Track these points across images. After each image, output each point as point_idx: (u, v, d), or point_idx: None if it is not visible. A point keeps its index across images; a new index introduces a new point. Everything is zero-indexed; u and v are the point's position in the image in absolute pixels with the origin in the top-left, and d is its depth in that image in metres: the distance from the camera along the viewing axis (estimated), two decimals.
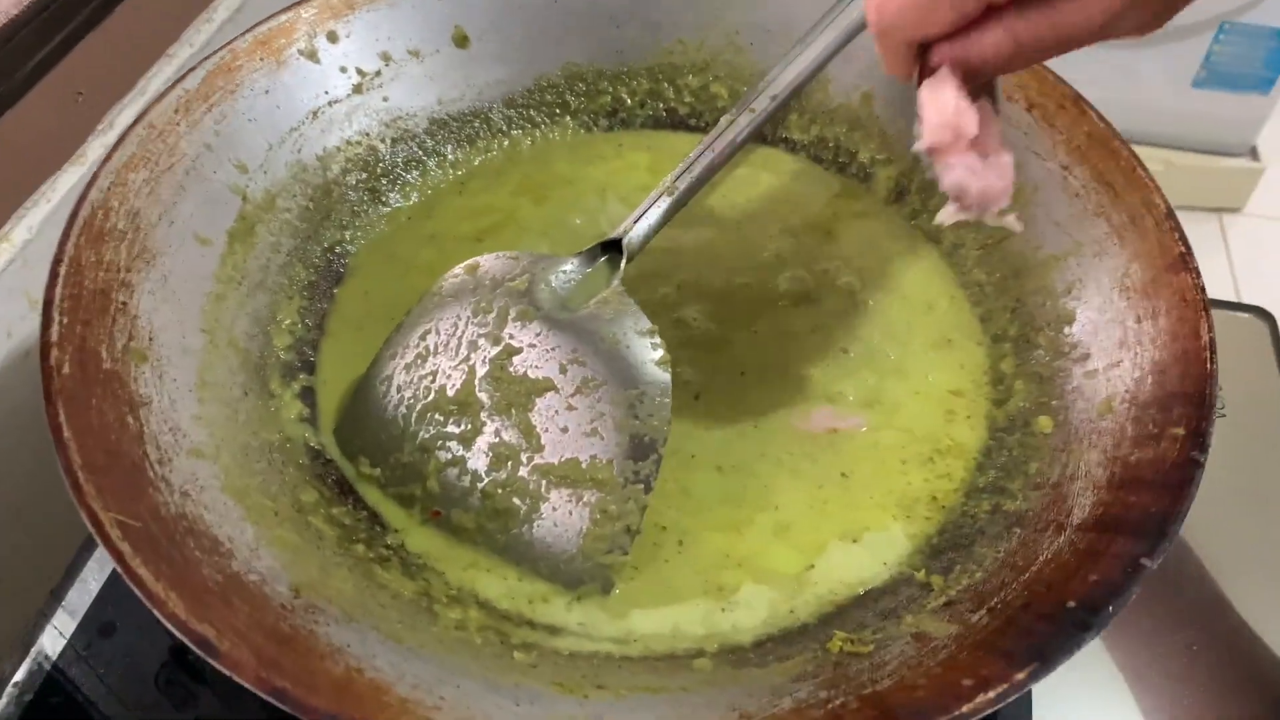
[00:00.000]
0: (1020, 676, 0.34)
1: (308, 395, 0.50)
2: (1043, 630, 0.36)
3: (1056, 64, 0.60)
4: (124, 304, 0.45)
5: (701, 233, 0.56)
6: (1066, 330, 0.49)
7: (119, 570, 0.35)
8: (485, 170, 0.61)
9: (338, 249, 0.56)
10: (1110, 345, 0.47)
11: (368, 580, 0.41)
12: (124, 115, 0.71)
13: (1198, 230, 2.06)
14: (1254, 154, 2.09)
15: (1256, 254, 2.01)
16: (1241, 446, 0.58)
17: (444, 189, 0.60)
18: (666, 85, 0.63)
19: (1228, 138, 2.03)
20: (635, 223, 0.47)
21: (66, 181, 0.67)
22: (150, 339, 0.45)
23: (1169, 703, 0.49)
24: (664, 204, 0.48)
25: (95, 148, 0.69)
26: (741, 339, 0.52)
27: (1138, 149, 0.52)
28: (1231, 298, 1.96)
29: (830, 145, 0.61)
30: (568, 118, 0.63)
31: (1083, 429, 0.45)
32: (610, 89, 0.63)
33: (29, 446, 0.56)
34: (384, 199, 0.58)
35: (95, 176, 0.47)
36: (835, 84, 0.61)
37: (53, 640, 0.49)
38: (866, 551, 0.44)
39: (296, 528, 0.42)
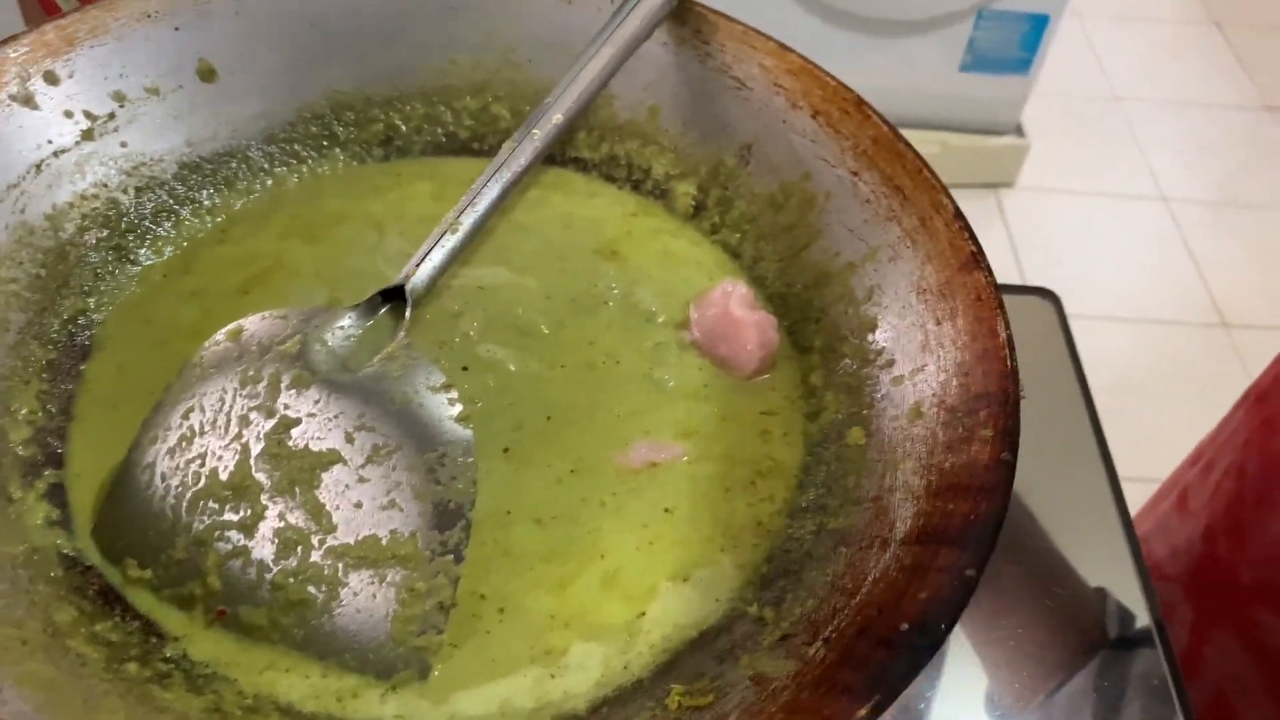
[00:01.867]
0: (863, 713, 0.33)
1: (56, 494, 0.43)
2: (880, 658, 0.35)
3: (831, 57, 0.61)
4: None
5: (494, 267, 0.53)
6: (870, 337, 0.49)
7: None
8: (248, 214, 0.55)
9: (80, 319, 0.49)
10: (913, 349, 0.47)
11: (144, 705, 0.36)
12: None
13: (976, 206, 2.20)
14: (1019, 131, 2.24)
15: (1030, 223, 2.16)
16: (1040, 427, 0.60)
17: (202, 239, 0.54)
18: (443, 109, 0.60)
19: (995, 117, 2.18)
20: (417, 266, 0.44)
21: None
22: None
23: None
24: (448, 242, 0.44)
25: None
26: (546, 378, 0.49)
27: (913, 133, 0.52)
28: (1012, 266, 2.10)
29: (622, 163, 0.59)
30: (337, 150, 0.58)
31: (895, 438, 0.44)
32: (382, 116, 0.59)
33: None
34: (132, 257, 0.52)
35: None
36: (620, 100, 0.59)
37: None
38: (697, 590, 0.42)
39: (51, 657, 0.36)
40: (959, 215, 0.49)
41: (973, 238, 0.48)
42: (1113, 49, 2.65)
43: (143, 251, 0.52)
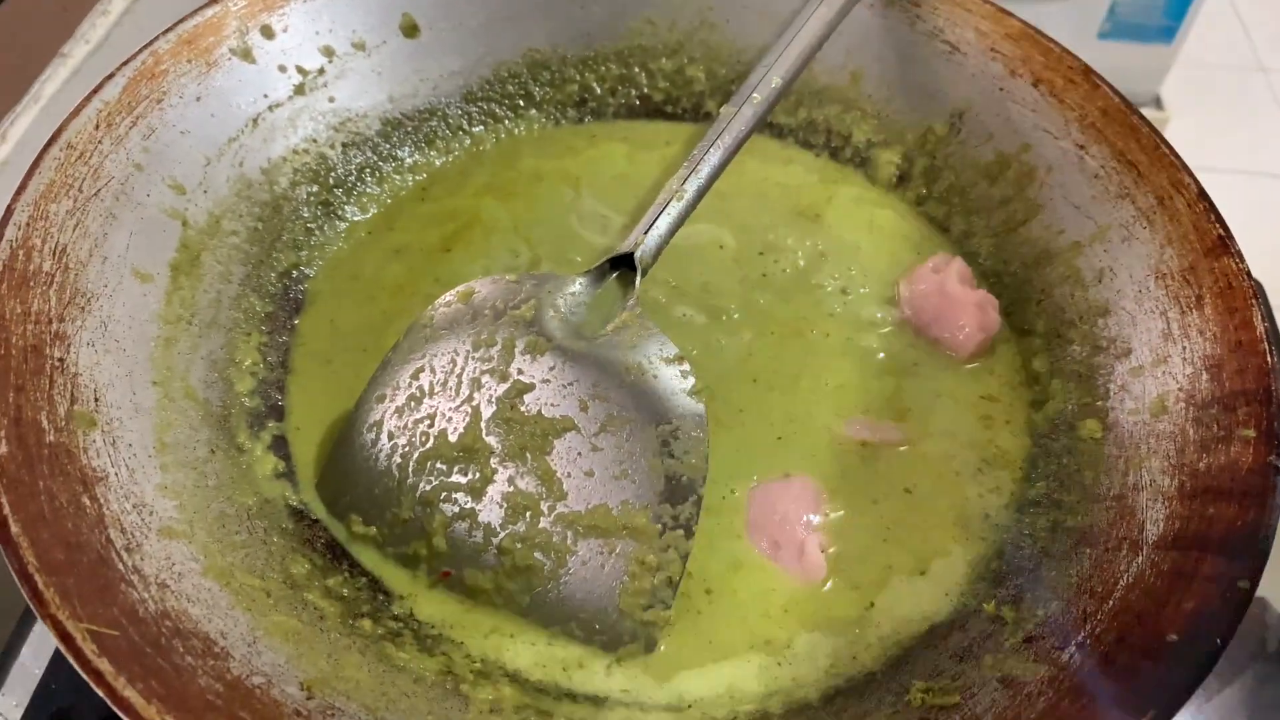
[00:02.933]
0: None
1: (280, 446, 0.44)
2: (1149, 670, 0.33)
3: None
4: (60, 360, 0.38)
5: (699, 230, 0.51)
6: (1101, 323, 0.46)
7: (103, 695, 0.30)
8: (447, 173, 0.55)
9: (294, 273, 0.50)
10: (1154, 339, 0.44)
11: (383, 663, 0.36)
12: (17, 126, 0.62)
13: None
14: (1158, 103, 2.13)
15: None
16: None
17: (404, 196, 0.54)
18: (638, 70, 0.58)
19: (1134, 88, 2.07)
20: (645, 234, 0.43)
21: None
22: (96, 399, 0.38)
23: None
24: (674, 210, 0.43)
25: None
26: (744, 345, 0.47)
27: None
28: None
29: (821, 129, 0.57)
30: (533, 110, 0.57)
31: (1137, 433, 0.42)
32: (577, 76, 0.58)
33: None
34: (339, 213, 0.52)
35: (10, 210, 0.40)
36: (819, 63, 0.56)
37: None
38: (928, 583, 0.41)
39: (293, 609, 0.37)
40: (1203, 195, 0.46)
41: (1220, 220, 0.45)
42: (1259, 17, 2.50)
43: (349, 208, 0.53)
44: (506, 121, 0.57)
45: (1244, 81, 2.40)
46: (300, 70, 0.51)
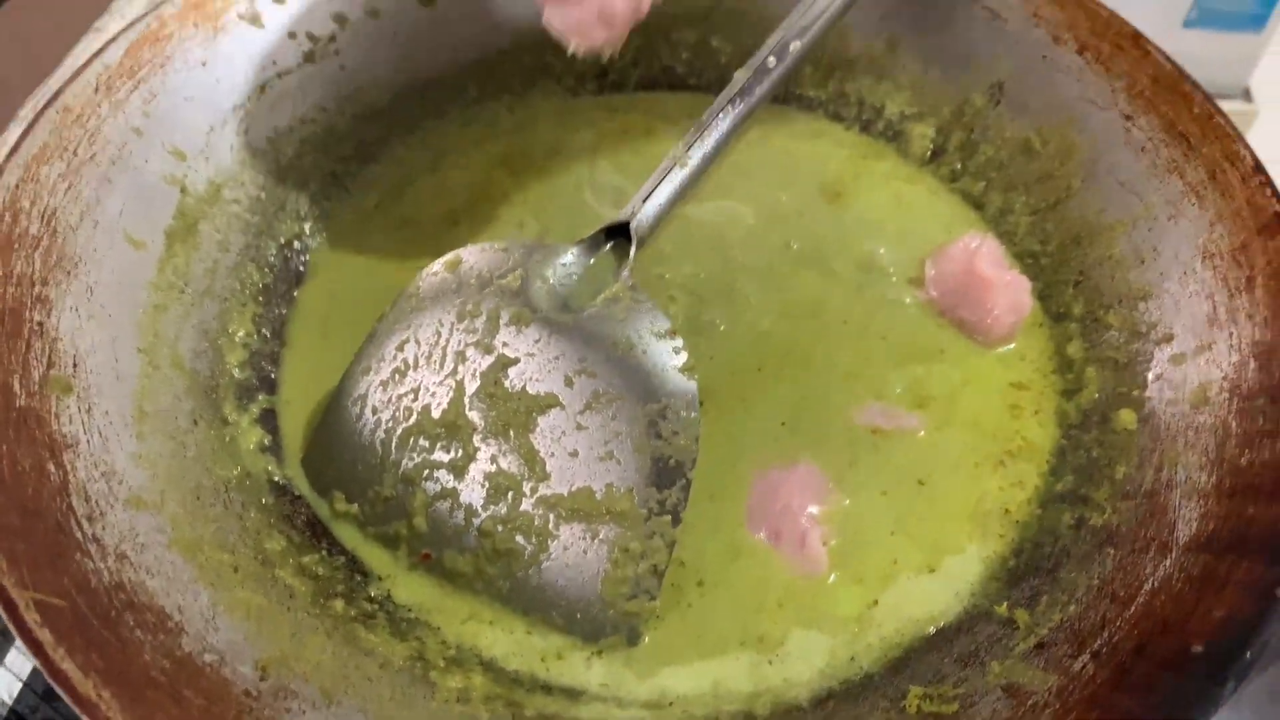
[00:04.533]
0: None
1: (268, 419, 0.43)
2: (1167, 683, 0.30)
3: None
4: (40, 324, 0.37)
5: (712, 205, 0.49)
6: (1142, 306, 0.43)
7: (40, 666, 0.29)
8: (461, 145, 0.53)
9: (296, 244, 0.48)
10: (1198, 324, 0.40)
11: (349, 646, 0.35)
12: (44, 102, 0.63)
13: None
14: (1247, 95, 2.03)
15: None
16: None
17: (415, 168, 0.52)
18: (660, 39, 0.56)
19: (1221, 78, 1.96)
20: (644, 201, 0.40)
21: None
22: (75, 364, 0.38)
23: None
24: (676, 178, 0.41)
25: (14, 139, 0.61)
26: (755, 327, 0.45)
27: None
28: None
29: (852, 100, 0.54)
30: (551, 81, 0.55)
31: (1175, 425, 0.39)
32: None
33: None
34: (346, 183, 0.51)
35: None
36: (855, 30, 0.53)
37: None
38: (937, 581, 0.38)
39: (261, 585, 0.36)
40: (1259, 169, 0.42)
41: (1277, 195, 0.41)
42: None
43: (357, 179, 0.51)
44: (523, 94, 0.55)
45: None
46: (310, 37, 0.50)
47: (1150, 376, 0.41)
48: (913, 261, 0.48)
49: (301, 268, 0.48)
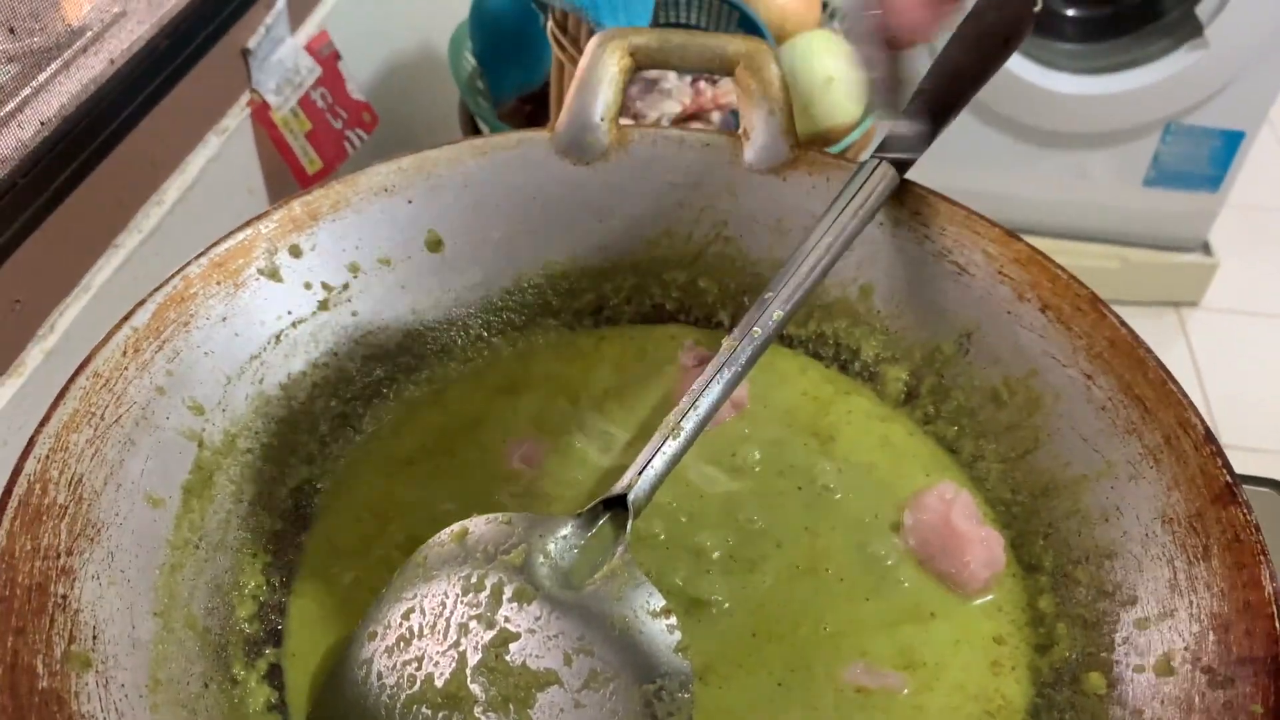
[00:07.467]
0: None
1: (274, 675, 0.44)
2: None
3: (1005, 168, 0.57)
4: (64, 598, 0.39)
5: (704, 464, 0.52)
6: (1107, 565, 0.45)
7: None
8: (464, 379, 0.57)
9: (305, 488, 0.51)
10: (1160, 589, 0.43)
11: None
12: (65, 317, 0.66)
13: (1156, 324, 2.08)
14: (1206, 249, 2.12)
15: (1216, 346, 2.03)
16: None
17: (419, 405, 0.55)
18: (652, 280, 0.60)
19: (1180, 233, 2.07)
20: (639, 474, 0.43)
21: (3, 396, 0.62)
22: (94, 636, 0.39)
23: None
24: (669, 449, 0.44)
25: (34, 355, 0.64)
26: (746, 589, 0.47)
27: (1091, 247, 0.50)
28: (1196, 390, 1.97)
29: (830, 341, 0.58)
30: (550, 318, 0.59)
31: (1142, 693, 0.41)
32: (593, 287, 0.59)
33: None
34: (356, 424, 0.54)
35: (32, 442, 0.42)
36: (831, 277, 0.57)
37: None
38: None
39: None
40: (1210, 438, 0.45)
41: (1227, 465, 0.44)
42: None
43: (365, 419, 0.54)
44: (524, 330, 0.59)
45: None
46: (325, 286, 0.54)
47: (1117, 639, 0.43)
48: (894, 506, 0.51)
49: (309, 511, 0.50)
